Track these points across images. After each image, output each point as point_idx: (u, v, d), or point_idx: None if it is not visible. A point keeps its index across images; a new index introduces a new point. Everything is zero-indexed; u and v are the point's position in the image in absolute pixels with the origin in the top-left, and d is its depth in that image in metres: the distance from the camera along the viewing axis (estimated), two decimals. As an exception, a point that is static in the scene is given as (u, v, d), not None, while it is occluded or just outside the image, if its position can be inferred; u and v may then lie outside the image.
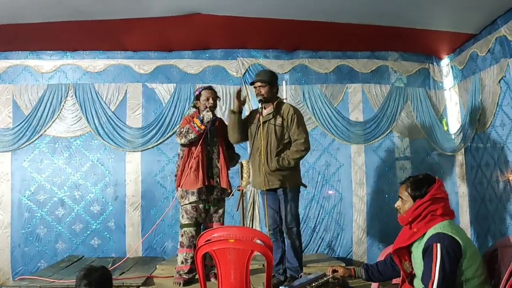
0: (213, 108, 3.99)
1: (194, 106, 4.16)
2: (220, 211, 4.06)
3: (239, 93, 3.89)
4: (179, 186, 3.97)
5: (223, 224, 4.08)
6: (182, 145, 3.97)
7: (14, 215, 5.27)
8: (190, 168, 3.90)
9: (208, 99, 3.99)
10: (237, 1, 4.47)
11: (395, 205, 2.49)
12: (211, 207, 4.02)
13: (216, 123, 4.08)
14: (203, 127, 3.88)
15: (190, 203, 3.92)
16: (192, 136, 3.87)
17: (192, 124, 3.89)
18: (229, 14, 4.71)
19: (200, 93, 4.05)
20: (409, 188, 2.39)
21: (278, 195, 3.85)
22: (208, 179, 3.95)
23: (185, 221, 3.95)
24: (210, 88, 4.12)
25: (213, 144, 4.03)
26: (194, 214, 3.93)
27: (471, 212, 5.36)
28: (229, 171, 4.10)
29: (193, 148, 3.94)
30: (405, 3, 4.43)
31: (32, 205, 5.31)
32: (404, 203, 2.41)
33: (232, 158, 4.22)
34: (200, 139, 3.89)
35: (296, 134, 3.78)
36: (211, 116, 3.91)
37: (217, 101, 4.12)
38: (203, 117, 3.89)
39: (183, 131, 3.91)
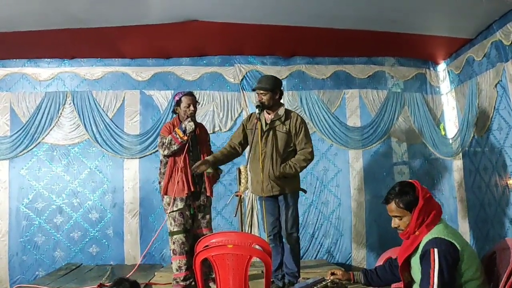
0: (194, 115, 3.97)
1: (174, 112, 4.14)
2: (208, 216, 4.07)
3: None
4: (166, 193, 3.95)
5: (211, 229, 4.08)
6: (166, 156, 3.95)
7: (12, 223, 5.25)
8: (177, 176, 3.88)
9: (189, 106, 3.96)
10: (234, 8, 4.49)
11: (393, 226, 2.44)
12: (198, 213, 4.03)
13: (197, 130, 4.02)
14: (185, 137, 3.86)
15: (178, 209, 3.92)
16: (175, 147, 3.87)
17: (175, 135, 3.87)
18: (226, 21, 4.73)
19: (180, 99, 4.00)
20: (400, 203, 2.34)
21: (278, 201, 3.85)
22: (194, 185, 3.95)
23: (174, 228, 3.95)
24: (191, 94, 4.07)
25: (195, 150, 4.02)
26: (182, 221, 3.94)
27: (470, 217, 5.35)
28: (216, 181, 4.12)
29: (177, 157, 3.93)
30: (401, 9, 4.45)
31: (30, 213, 5.29)
32: (401, 219, 2.38)
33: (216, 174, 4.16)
34: (183, 149, 3.89)
35: (304, 143, 3.80)
36: (193, 126, 3.89)
37: (197, 106, 4.08)
38: (185, 128, 3.86)
39: (165, 142, 3.88)
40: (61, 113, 5.45)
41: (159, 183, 4.06)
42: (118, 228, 5.36)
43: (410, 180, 2.43)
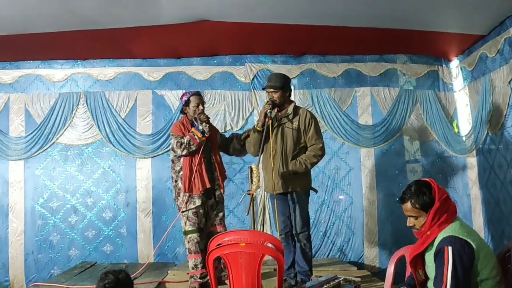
0: (203, 114, 4.04)
1: (182, 112, 4.21)
2: (221, 214, 4.11)
3: (266, 113, 3.79)
4: (185, 191, 3.97)
5: (225, 226, 4.12)
6: (183, 155, 3.99)
7: (27, 223, 5.33)
8: (196, 173, 3.94)
9: (198, 106, 4.06)
10: (245, 7, 4.50)
11: (408, 225, 2.40)
12: (211, 211, 4.08)
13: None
14: (204, 138, 3.94)
15: (195, 207, 3.96)
16: (194, 147, 3.94)
17: (193, 135, 3.94)
18: (237, 21, 4.75)
19: (189, 99, 4.09)
20: (416, 204, 2.31)
21: (288, 200, 3.85)
22: (210, 182, 4.01)
23: (188, 227, 4.00)
24: (198, 93, 4.18)
25: (208, 149, 4.09)
26: (196, 220, 3.98)
27: (484, 215, 5.29)
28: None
29: (193, 156, 3.99)
30: (413, 5, 4.42)
31: (45, 213, 5.36)
32: (417, 218, 2.34)
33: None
34: (200, 149, 3.97)
35: (314, 139, 3.80)
36: (208, 127, 3.97)
37: (205, 106, 4.19)
38: (203, 129, 3.94)
39: (184, 142, 3.94)
40: (74, 114, 5.52)
41: (175, 181, 4.09)
42: (131, 227, 5.41)
43: (426, 179, 2.38)
